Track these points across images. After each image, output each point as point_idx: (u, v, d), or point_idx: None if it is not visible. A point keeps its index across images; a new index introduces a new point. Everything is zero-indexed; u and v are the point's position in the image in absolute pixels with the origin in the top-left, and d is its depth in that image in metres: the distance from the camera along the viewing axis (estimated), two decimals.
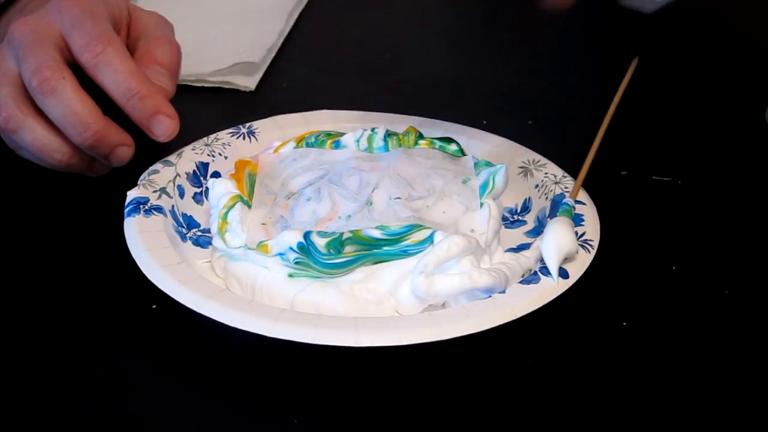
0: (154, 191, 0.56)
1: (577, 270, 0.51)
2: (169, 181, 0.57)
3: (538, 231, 0.56)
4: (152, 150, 0.59)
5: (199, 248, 0.55)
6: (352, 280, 0.51)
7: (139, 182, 0.56)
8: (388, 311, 0.50)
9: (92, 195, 0.60)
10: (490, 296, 0.50)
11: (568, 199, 0.55)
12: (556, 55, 0.81)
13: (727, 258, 0.58)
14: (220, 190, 0.55)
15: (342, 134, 0.61)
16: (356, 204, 0.55)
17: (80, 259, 0.55)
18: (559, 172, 0.59)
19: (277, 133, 0.62)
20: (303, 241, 0.50)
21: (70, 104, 0.54)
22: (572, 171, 0.58)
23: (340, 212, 0.54)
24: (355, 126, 0.62)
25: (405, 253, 0.51)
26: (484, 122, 0.65)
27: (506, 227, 0.57)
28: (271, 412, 0.47)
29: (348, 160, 0.58)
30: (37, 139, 0.56)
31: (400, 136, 0.60)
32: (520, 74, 0.76)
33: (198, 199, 0.58)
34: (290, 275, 0.51)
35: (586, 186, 0.57)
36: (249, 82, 0.72)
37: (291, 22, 0.81)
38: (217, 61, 0.73)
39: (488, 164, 0.58)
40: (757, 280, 0.57)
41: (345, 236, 0.51)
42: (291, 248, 0.50)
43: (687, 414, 0.48)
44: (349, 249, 0.51)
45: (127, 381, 0.48)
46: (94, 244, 0.56)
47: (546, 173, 0.59)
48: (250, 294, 0.51)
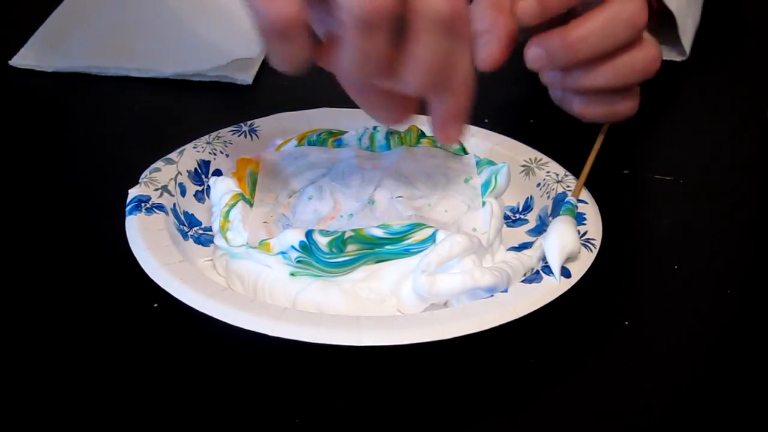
0: (156, 189, 0.55)
1: (579, 269, 0.51)
2: (171, 179, 0.57)
3: (540, 230, 0.56)
4: (153, 148, 0.59)
5: (201, 247, 0.55)
6: (354, 279, 0.51)
7: (140, 180, 0.56)
8: (390, 310, 0.50)
9: (93, 193, 0.60)
10: (492, 295, 0.49)
11: (571, 198, 0.55)
12: None
13: (729, 257, 0.58)
14: (222, 188, 0.55)
15: (344, 132, 0.61)
16: (358, 203, 0.55)
17: (81, 258, 0.55)
18: (561, 171, 0.59)
19: (279, 131, 0.62)
20: (305, 240, 0.50)
21: None
22: (574, 170, 0.58)
23: (342, 211, 0.54)
24: (357, 124, 0.62)
25: (407, 252, 0.51)
26: (486, 121, 0.65)
27: (508, 226, 0.57)
28: (273, 412, 0.47)
29: (350, 159, 0.58)
30: None
31: (402, 135, 0.60)
32: (522, 72, 0.76)
33: (199, 197, 0.57)
34: (292, 274, 0.51)
35: (588, 185, 0.57)
36: (246, 76, 0.73)
37: None
38: (216, 57, 0.73)
39: (490, 163, 0.58)
40: (759, 280, 0.57)
41: (347, 235, 0.50)
42: (293, 247, 0.50)
43: (689, 413, 0.48)
44: (351, 248, 0.51)
45: (127, 380, 0.48)
46: (96, 242, 0.56)
47: (548, 172, 0.59)
48: (251, 293, 0.51)
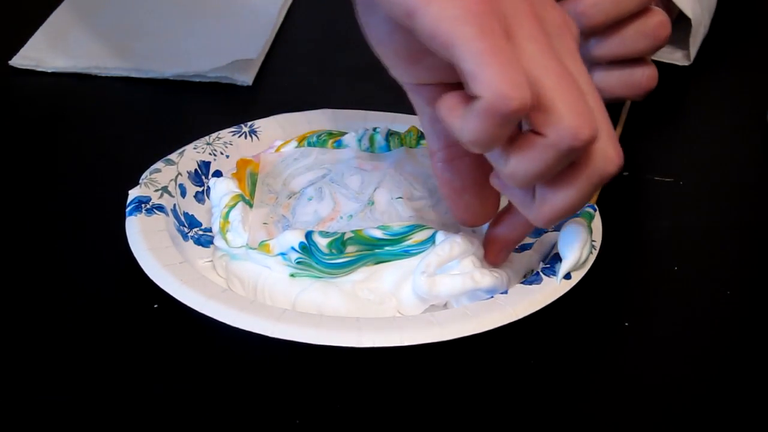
0: (156, 190, 0.55)
1: (579, 270, 0.51)
2: (171, 180, 0.57)
3: (540, 231, 0.56)
4: (154, 149, 0.59)
5: (201, 247, 0.55)
6: (354, 280, 0.51)
7: (140, 181, 0.56)
8: (390, 311, 0.50)
9: (93, 194, 0.60)
10: (492, 297, 0.49)
11: (592, 203, 0.55)
12: None
13: (729, 258, 0.58)
14: (222, 189, 0.55)
15: (344, 134, 0.61)
16: (358, 204, 0.55)
17: (81, 258, 0.55)
18: None
19: (279, 133, 0.62)
20: (305, 241, 0.50)
21: None
22: None
23: (342, 212, 0.54)
24: (356, 125, 0.62)
25: (407, 253, 0.51)
26: None
27: None
28: (273, 413, 0.47)
29: (350, 160, 0.58)
30: None
31: (402, 136, 0.60)
32: None
33: (200, 198, 0.57)
34: (292, 275, 0.51)
35: None
36: (247, 77, 0.73)
37: (283, 14, 0.82)
38: (216, 58, 0.73)
39: None
40: (759, 281, 0.57)
41: (347, 236, 0.50)
42: (293, 248, 0.50)
43: (689, 413, 0.48)
44: (350, 249, 0.51)
45: (128, 381, 0.48)
46: (96, 242, 0.56)
47: None
48: (251, 294, 0.51)
